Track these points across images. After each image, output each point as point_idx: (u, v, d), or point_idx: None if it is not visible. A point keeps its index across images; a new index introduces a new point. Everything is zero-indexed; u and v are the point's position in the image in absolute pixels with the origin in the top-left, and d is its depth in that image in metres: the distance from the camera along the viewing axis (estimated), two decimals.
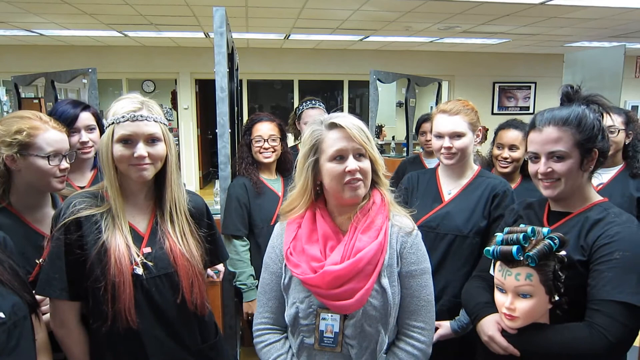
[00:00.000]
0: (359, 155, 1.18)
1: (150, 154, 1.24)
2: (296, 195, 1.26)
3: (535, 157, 1.28)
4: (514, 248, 1.14)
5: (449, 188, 1.75)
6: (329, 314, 1.18)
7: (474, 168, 1.77)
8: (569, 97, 1.31)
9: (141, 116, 1.23)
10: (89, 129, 1.78)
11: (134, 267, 1.22)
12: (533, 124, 1.29)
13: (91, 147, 1.77)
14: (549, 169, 1.25)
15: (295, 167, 1.27)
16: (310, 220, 1.24)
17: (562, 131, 1.23)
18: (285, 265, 1.25)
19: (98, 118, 1.82)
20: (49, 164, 1.37)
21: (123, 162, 1.23)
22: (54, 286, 1.21)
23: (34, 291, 1.20)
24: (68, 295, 1.22)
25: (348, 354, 1.19)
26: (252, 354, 2.45)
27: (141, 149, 1.22)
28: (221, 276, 2.03)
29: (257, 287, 2.16)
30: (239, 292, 2.19)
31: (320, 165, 1.21)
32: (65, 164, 1.41)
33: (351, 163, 1.17)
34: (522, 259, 1.14)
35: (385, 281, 1.17)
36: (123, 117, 1.22)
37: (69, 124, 1.71)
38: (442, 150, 1.69)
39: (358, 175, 1.17)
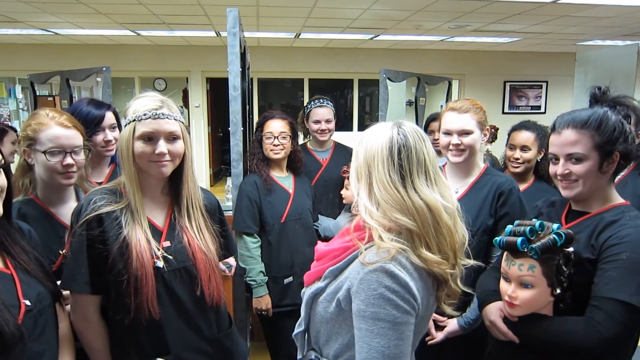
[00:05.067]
0: None
1: (170, 151, 1.28)
2: None
3: (555, 159, 1.31)
4: (519, 239, 1.19)
5: (456, 186, 1.77)
6: None
7: (480, 166, 1.79)
8: (596, 98, 1.33)
9: (162, 114, 1.27)
10: (112, 127, 1.85)
11: (155, 260, 1.26)
12: (554, 126, 1.32)
13: (114, 144, 1.84)
14: (567, 171, 1.27)
15: None
16: None
17: (580, 133, 1.25)
18: None
19: (117, 116, 1.89)
20: (47, 160, 1.41)
21: (144, 158, 1.27)
22: (77, 280, 1.25)
23: (58, 282, 1.25)
24: (90, 289, 1.26)
25: None
26: (262, 349, 2.50)
27: (162, 146, 1.26)
28: (233, 271, 2.07)
29: (266, 283, 2.21)
30: (249, 287, 2.23)
31: None
32: (69, 160, 1.44)
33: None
34: (526, 250, 1.19)
35: (320, 284, 1.13)
36: (145, 114, 1.26)
37: (96, 124, 1.78)
38: (450, 147, 1.71)
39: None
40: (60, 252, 1.42)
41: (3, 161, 1.09)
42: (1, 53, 6.87)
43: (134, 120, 1.26)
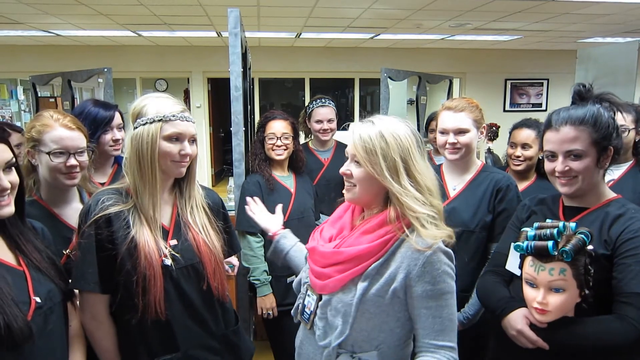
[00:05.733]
0: (355, 161, 1.21)
1: (192, 152, 1.34)
2: None
3: (552, 156, 1.32)
4: (550, 243, 1.15)
5: (454, 184, 1.78)
6: (311, 292, 1.28)
7: (477, 164, 1.80)
8: (581, 95, 1.34)
9: (188, 117, 1.33)
10: (119, 127, 1.89)
11: (163, 259, 1.28)
12: (549, 123, 1.33)
13: (121, 144, 1.88)
14: (567, 167, 1.28)
15: None
16: (343, 210, 1.34)
17: (578, 130, 1.26)
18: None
19: (122, 116, 1.94)
20: (51, 161, 1.44)
21: (168, 158, 1.30)
22: (87, 280, 1.27)
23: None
24: (100, 288, 1.28)
25: (314, 333, 1.26)
26: (265, 348, 2.50)
27: (188, 148, 1.32)
28: (236, 270, 2.08)
29: (270, 282, 2.22)
30: (253, 287, 2.24)
31: None
32: (73, 161, 1.46)
33: (344, 165, 1.23)
34: (556, 254, 1.15)
35: (363, 284, 1.15)
36: (174, 115, 1.30)
37: (106, 123, 1.81)
38: (447, 146, 1.73)
39: (349, 179, 1.21)
40: (64, 252, 1.44)
41: (14, 159, 1.10)
42: (3, 54, 6.89)
43: (161, 120, 1.28)
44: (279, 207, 1.73)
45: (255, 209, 1.72)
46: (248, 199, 1.76)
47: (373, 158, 1.15)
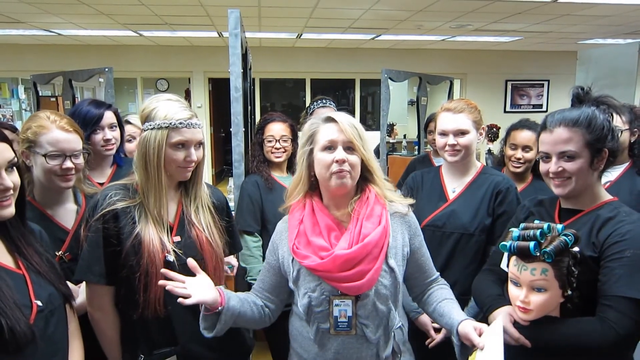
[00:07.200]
0: (349, 148, 1.27)
1: (197, 157, 1.35)
2: (294, 182, 1.36)
3: (547, 157, 1.32)
4: (532, 244, 1.16)
5: (453, 186, 1.77)
6: (341, 300, 1.26)
7: (477, 165, 1.79)
8: (580, 98, 1.35)
9: (195, 124, 1.33)
10: (112, 127, 1.85)
11: (166, 254, 1.31)
12: (544, 125, 1.33)
13: (114, 144, 1.85)
14: (560, 168, 1.28)
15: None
16: (311, 215, 1.32)
17: (572, 132, 1.26)
18: (293, 260, 1.32)
19: (118, 116, 1.90)
20: (47, 163, 1.43)
21: (174, 164, 1.32)
22: (93, 272, 1.30)
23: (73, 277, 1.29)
24: (106, 280, 1.31)
25: (362, 334, 1.28)
26: (264, 349, 2.51)
27: (194, 154, 1.33)
28: (235, 271, 2.08)
29: None
30: (251, 287, 2.24)
31: (313, 155, 1.31)
32: (68, 164, 1.45)
33: (339, 153, 1.26)
34: (538, 254, 1.16)
35: (392, 261, 1.28)
36: (181, 123, 1.30)
37: (94, 123, 1.79)
38: (447, 148, 1.72)
39: (345, 167, 1.25)
40: (57, 253, 1.44)
41: (16, 159, 1.09)
42: (4, 53, 6.91)
43: (168, 127, 1.29)
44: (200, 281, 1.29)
45: (186, 286, 1.25)
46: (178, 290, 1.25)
47: (365, 144, 1.29)
